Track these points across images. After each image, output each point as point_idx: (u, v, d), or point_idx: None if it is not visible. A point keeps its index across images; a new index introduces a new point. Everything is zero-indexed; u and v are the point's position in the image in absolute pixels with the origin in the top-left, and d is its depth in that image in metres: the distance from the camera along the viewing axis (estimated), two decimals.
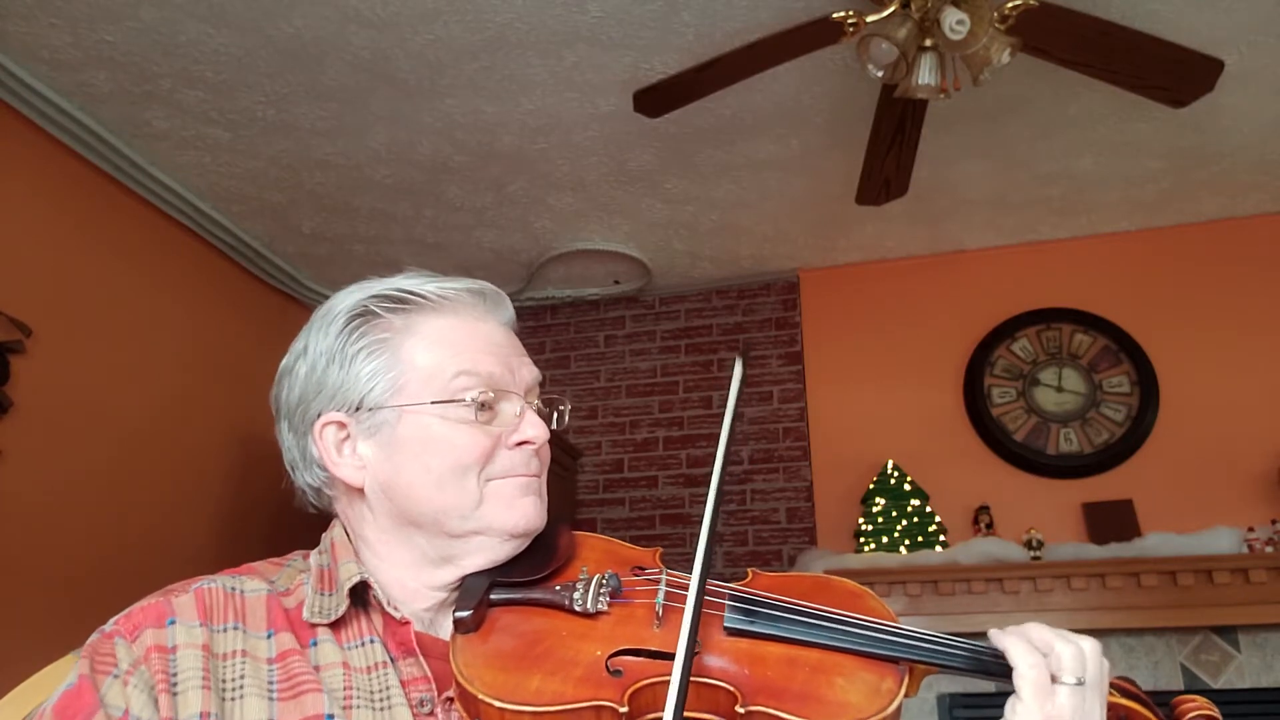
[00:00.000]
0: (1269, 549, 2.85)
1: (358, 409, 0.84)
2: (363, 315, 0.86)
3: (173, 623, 0.75)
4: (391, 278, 0.89)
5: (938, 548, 3.14)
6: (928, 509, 3.25)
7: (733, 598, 0.80)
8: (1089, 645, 0.74)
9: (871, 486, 3.33)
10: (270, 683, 0.74)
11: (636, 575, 0.84)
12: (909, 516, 3.23)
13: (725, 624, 0.78)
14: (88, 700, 0.70)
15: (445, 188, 3.14)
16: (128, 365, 2.90)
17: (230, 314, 3.42)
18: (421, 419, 0.83)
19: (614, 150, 2.95)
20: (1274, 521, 2.95)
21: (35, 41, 2.37)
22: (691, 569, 0.75)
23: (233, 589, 0.79)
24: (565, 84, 2.61)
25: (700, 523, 0.76)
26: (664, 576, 0.83)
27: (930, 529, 3.20)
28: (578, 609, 0.78)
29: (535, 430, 0.86)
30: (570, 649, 0.75)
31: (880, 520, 3.25)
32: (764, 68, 2.21)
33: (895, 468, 3.32)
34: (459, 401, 0.83)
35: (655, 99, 2.29)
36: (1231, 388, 3.24)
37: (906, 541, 3.19)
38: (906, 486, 3.29)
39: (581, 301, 4.02)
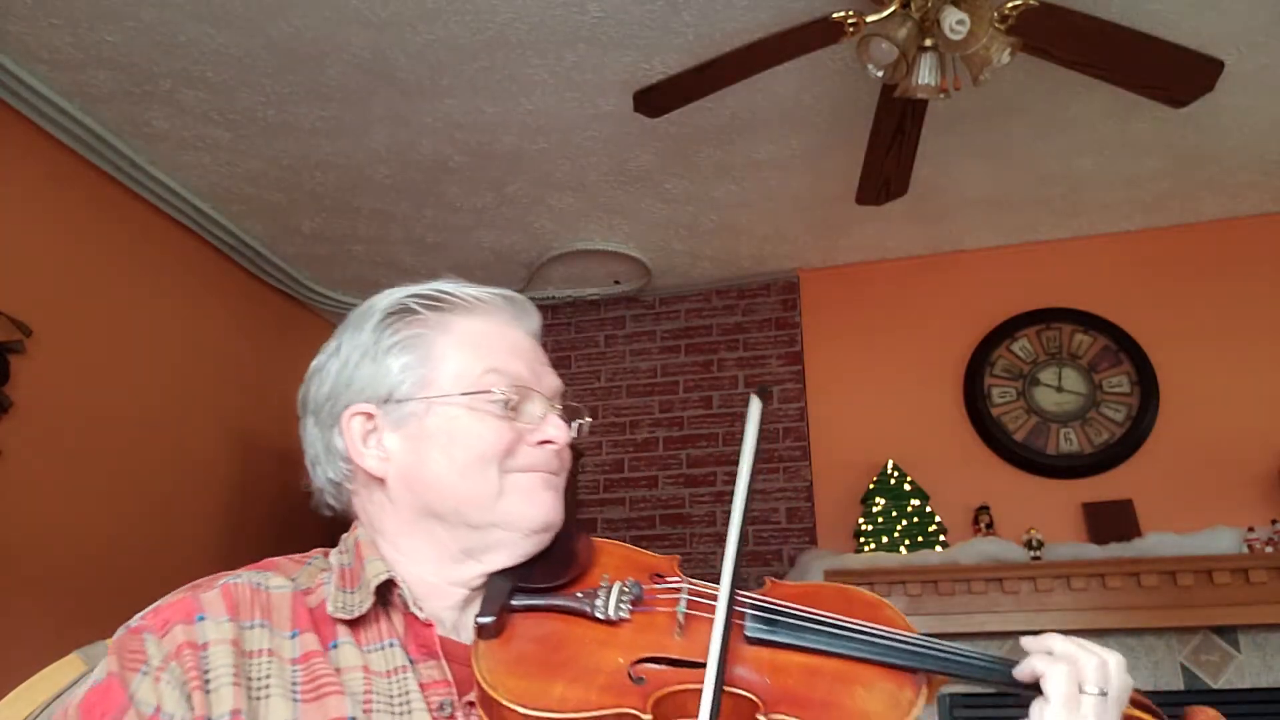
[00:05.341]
0: (1269, 549, 2.85)
1: (386, 401, 0.86)
2: (399, 312, 0.88)
3: (202, 619, 0.74)
4: (429, 281, 0.92)
5: (938, 548, 3.14)
6: (928, 509, 3.25)
7: (754, 607, 0.81)
8: (1114, 660, 0.74)
9: (871, 486, 3.33)
10: (294, 683, 0.74)
11: (657, 583, 0.85)
12: (909, 516, 3.23)
13: (746, 633, 0.79)
14: (117, 698, 0.69)
15: (445, 188, 3.14)
16: (128, 365, 2.90)
17: (230, 314, 3.42)
18: (449, 410, 0.85)
19: (614, 150, 2.95)
20: (1274, 521, 2.95)
21: (36, 42, 2.37)
22: (706, 575, 0.76)
23: (259, 585, 0.79)
24: (565, 84, 2.61)
25: (726, 537, 0.77)
26: (685, 585, 0.83)
27: (930, 529, 3.20)
28: (600, 616, 0.79)
29: (557, 431, 0.88)
30: (593, 656, 0.75)
31: (880, 520, 3.25)
32: (764, 68, 2.21)
33: (895, 468, 3.32)
34: (487, 393, 0.84)
35: (655, 99, 2.29)
36: (1231, 388, 3.24)
37: (906, 541, 3.19)
38: (906, 486, 3.29)
39: (581, 301, 4.02)
